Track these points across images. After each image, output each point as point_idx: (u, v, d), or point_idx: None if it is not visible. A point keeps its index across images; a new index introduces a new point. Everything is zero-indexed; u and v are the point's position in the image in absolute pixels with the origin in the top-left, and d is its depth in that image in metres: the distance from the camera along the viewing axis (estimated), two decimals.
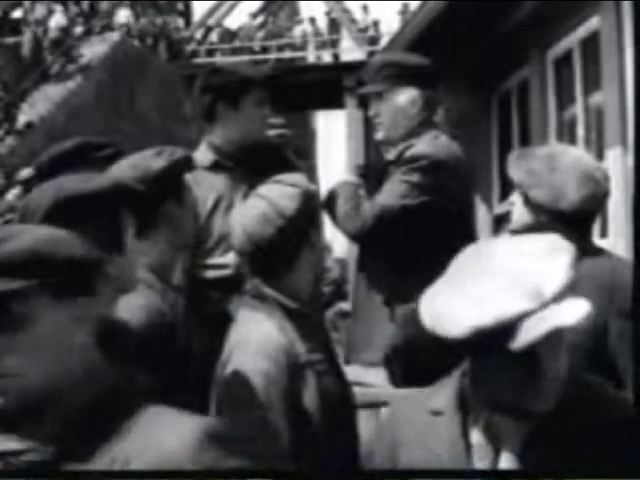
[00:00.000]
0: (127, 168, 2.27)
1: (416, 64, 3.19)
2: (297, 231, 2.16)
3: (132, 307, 2.12)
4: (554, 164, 2.39)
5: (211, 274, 2.99)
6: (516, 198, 2.47)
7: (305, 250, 2.19)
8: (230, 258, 3.05)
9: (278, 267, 2.18)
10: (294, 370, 2.10)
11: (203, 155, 2.99)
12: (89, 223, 1.80)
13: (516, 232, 2.50)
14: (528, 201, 2.41)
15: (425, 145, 3.08)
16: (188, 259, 2.50)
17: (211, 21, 21.76)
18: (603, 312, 2.31)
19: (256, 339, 2.11)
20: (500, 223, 7.66)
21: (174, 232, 2.30)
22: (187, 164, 2.37)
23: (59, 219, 1.79)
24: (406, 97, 3.13)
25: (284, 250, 2.16)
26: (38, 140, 13.64)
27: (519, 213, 2.45)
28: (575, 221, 2.39)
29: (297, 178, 2.26)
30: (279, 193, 2.18)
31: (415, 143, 3.08)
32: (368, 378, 2.94)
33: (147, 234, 2.27)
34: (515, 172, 2.43)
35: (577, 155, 2.47)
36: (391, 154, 3.13)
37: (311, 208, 2.21)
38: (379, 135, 3.19)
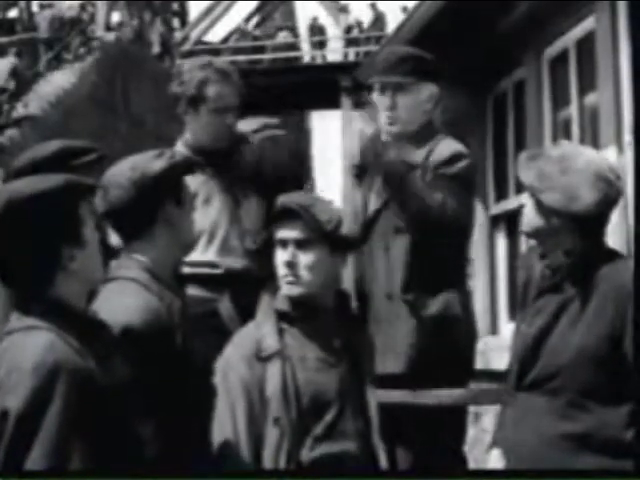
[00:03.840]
0: (126, 169, 2.29)
1: (434, 61, 3.17)
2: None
3: (128, 308, 2.13)
4: (566, 166, 2.34)
5: (200, 272, 3.00)
6: (527, 200, 2.44)
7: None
8: (220, 257, 3.06)
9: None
10: (257, 360, 2.29)
11: (178, 152, 3.04)
12: (45, 221, 1.86)
13: (529, 235, 2.48)
14: (540, 204, 2.37)
15: (456, 144, 3.08)
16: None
17: (207, 21, 21.74)
18: (621, 317, 2.30)
19: (238, 333, 2.42)
20: (496, 223, 7.66)
21: (172, 234, 2.30)
22: (187, 166, 2.37)
23: (14, 220, 1.85)
24: (428, 92, 3.12)
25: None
26: (33, 139, 13.61)
27: (531, 216, 2.42)
28: (588, 224, 2.36)
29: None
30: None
31: (438, 144, 3.07)
32: None
33: (144, 235, 2.28)
34: (526, 175, 2.39)
35: (589, 156, 2.43)
36: (411, 156, 3.06)
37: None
38: (394, 128, 3.11)
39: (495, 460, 2.49)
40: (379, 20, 20.31)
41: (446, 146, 3.09)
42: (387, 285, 3.04)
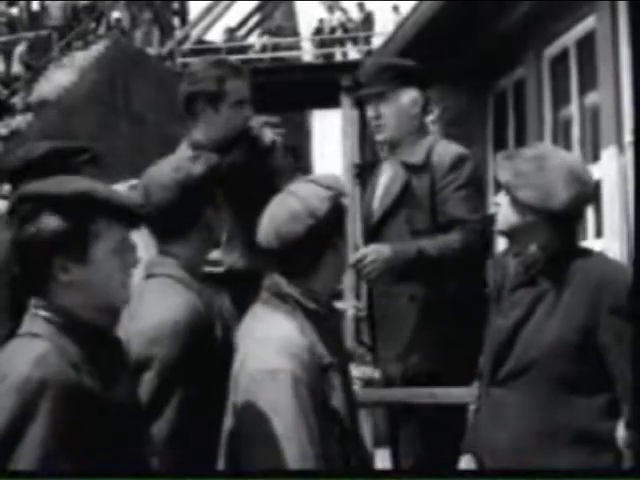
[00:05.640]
0: (169, 170, 2.31)
1: (415, 67, 3.25)
2: (325, 232, 2.16)
3: (171, 306, 2.19)
4: (541, 165, 2.41)
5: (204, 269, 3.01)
6: (502, 199, 2.48)
7: (329, 252, 2.20)
8: (222, 255, 3.06)
9: (303, 267, 2.18)
10: (319, 371, 2.10)
11: (182, 153, 3.01)
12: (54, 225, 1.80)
13: (504, 233, 2.51)
14: (516, 202, 2.42)
15: (456, 146, 3.15)
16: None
17: (207, 20, 21.74)
18: (594, 309, 2.34)
19: (278, 338, 2.11)
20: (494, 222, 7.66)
21: (208, 234, 2.35)
22: (221, 169, 2.39)
23: (24, 217, 1.81)
24: (409, 97, 3.20)
25: (310, 250, 2.16)
26: (34, 139, 13.61)
27: (506, 214, 2.46)
28: (562, 221, 2.42)
29: (332, 180, 2.27)
30: (312, 193, 2.18)
31: (435, 145, 3.13)
32: None
33: (180, 235, 2.31)
34: (502, 173, 2.45)
35: (564, 156, 2.50)
36: (411, 156, 3.13)
37: (340, 211, 2.22)
38: (382, 136, 3.21)
39: (464, 465, 2.52)
40: (368, 20, 20.36)
41: (445, 148, 3.14)
42: (410, 287, 3.06)
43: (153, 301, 2.21)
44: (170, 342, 2.13)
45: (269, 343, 2.09)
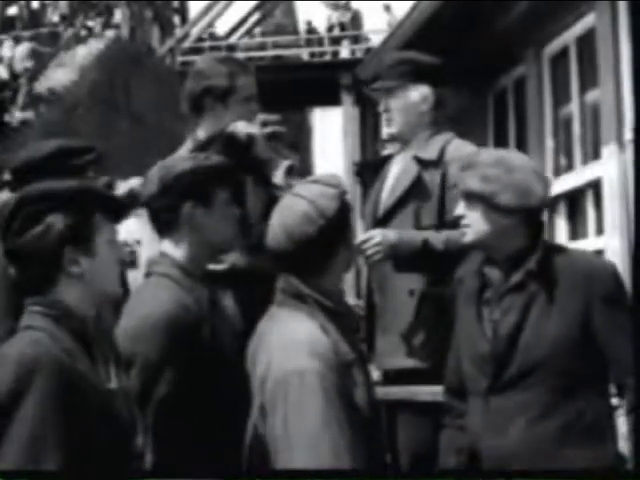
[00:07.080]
0: (160, 167, 2.36)
1: (430, 63, 3.22)
2: (336, 230, 2.18)
3: (154, 302, 2.21)
4: (508, 166, 2.39)
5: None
6: (465, 210, 2.45)
7: (341, 249, 2.21)
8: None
9: (317, 266, 2.19)
10: (343, 368, 2.11)
11: (185, 150, 3.04)
12: (51, 221, 1.89)
13: (476, 245, 2.46)
14: (493, 208, 2.38)
15: (471, 146, 3.12)
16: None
17: (206, 19, 21.76)
18: (587, 301, 2.36)
19: (303, 339, 2.11)
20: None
21: (197, 233, 2.33)
22: (220, 170, 2.38)
23: (25, 217, 1.88)
24: (418, 94, 3.16)
25: (324, 249, 2.18)
26: (34, 137, 13.61)
27: (479, 224, 2.42)
28: (537, 217, 2.43)
29: (333, 178, 2.28)
30: (319, 193, 2.20)
31: (450, 143, 3.11)
32: None
33: (173, 232, 2.33)
34: (471, 182, 2.40)
35: (521, 156, 2.50)
36: (424, 152, 3.11)
37: (347, 207, 2.24)
38: (390, 130, 3.19)
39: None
40: (355, 18, 20.33)
41: (460, 147, 3.11)
42: (409, 281, 3.05)
43: (141, 298, 2.25)
44: (151, 337, 2.14)
45: (294, 345, 2.09)
